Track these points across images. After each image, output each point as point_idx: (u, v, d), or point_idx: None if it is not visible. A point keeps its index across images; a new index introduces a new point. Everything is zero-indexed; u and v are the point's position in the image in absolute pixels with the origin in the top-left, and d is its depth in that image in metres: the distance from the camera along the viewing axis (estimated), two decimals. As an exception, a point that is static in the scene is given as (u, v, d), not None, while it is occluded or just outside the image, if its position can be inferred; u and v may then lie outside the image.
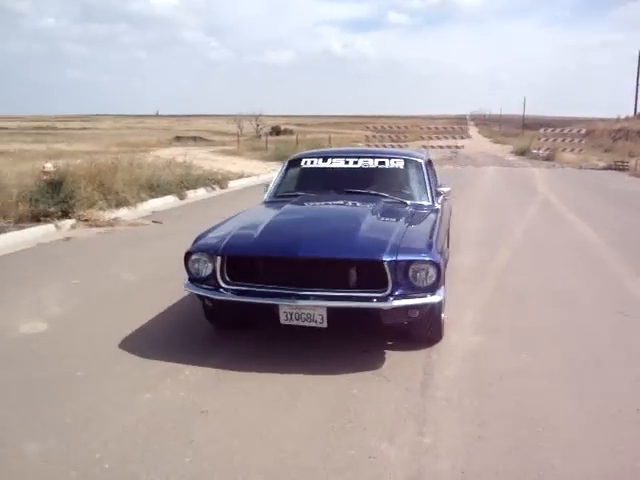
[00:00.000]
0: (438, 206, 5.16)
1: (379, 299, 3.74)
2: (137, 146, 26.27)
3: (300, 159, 5.70)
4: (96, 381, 3.74)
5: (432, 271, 3.77)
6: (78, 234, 8.64)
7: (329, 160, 5.51)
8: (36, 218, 8.93)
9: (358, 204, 4.83)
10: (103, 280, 6.07)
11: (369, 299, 3.75)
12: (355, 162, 5.43)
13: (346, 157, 5.50)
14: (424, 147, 24.89)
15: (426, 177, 5.29)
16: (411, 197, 5.16)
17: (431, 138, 26.12)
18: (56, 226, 8.91)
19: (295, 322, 3.86)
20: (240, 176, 16.36)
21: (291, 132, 43.26)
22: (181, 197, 12.89)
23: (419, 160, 5.44)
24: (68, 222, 9.17)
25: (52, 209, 9.08)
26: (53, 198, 9.24)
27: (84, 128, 50.46)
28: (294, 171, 5.65)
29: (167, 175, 13.63)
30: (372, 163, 5.40)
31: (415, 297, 3.77)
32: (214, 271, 3.96)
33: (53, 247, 7.81)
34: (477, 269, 6.50)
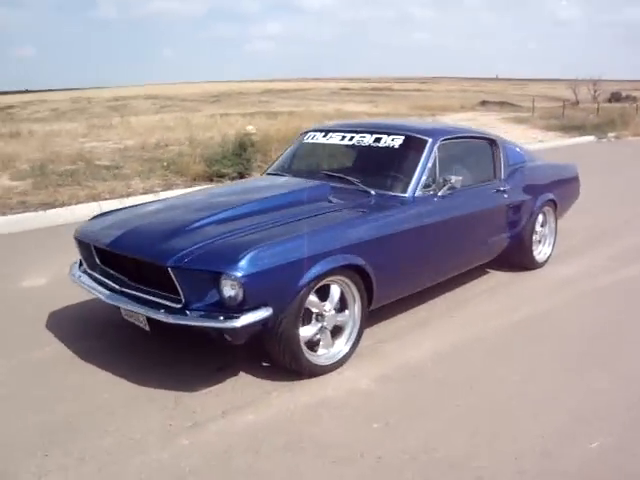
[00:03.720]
0: (423, 201, 3.92)
1: (168, 310, 3.05)
2: (434, 109, 26.00)
3: (307, 132, 4.91)
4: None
5: (235, 288, 2.91)
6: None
7: (328, 135, 4.61)
8: (209, 178, 9.61)
9: (282, 190, 3.96)
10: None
11: (160, 308, 3.09)
12: (351, 139, 4.44)
13: (345, 132, 4.53)
14: None
15: (421, 162, 4.01)
16: (383, 185, 4.00)
17: None
18: (226, 186, 9.46)
19: (131, 320, 3.43)
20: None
21: (634, 99, 37.43)
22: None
23: (425, 139, 4.13)
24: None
25: (226, 170, 9.64)
26: (231, 160, 9.78)
27: (418, 90, 51.75)
28: (299, 145, 4.90)
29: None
30: (367, 140, 4.33)
31: (208, 318, 2.97)
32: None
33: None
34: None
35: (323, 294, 3.34)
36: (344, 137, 4.45)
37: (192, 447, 2.72)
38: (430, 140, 4.11)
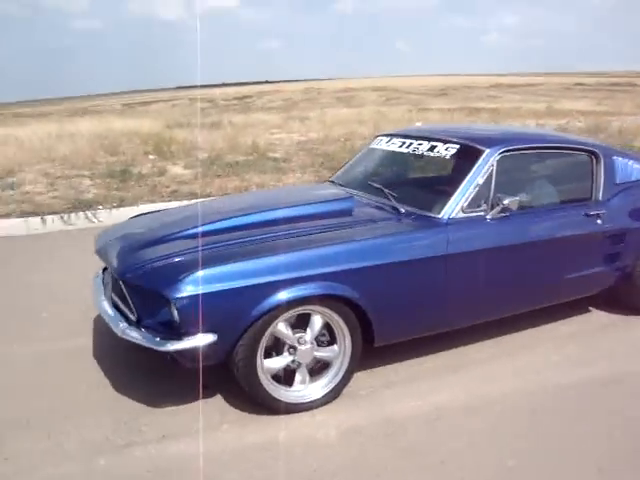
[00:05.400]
0: (463, 224, 3.28)
1: (127, 322, 2.94)
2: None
3: (377, 136, 4.43)
4: None
5: (172, 308, 2.70)
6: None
7: (391, 141, 4.11)
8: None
9: (295, 203, 3.55)
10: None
11: (122, 321, 2.98)
12: (408, 146, 3.90)
13: (407, 138, 3.98)
14: None
15: (468, 177, 3.33)
16: (417, 202, 3.45)
17: None
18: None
19: None
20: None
21: None
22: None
23: (480, 149, 3.43)
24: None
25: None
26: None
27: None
28: (365, 151, 4.46)
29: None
30: (422, 148, 3.76)
31: (146, 337, 2.81)
32: None
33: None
34: None
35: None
36: (403, 144, 3.94)
37: (101, 469, 2.61)
38: (487, 151, 3.42)
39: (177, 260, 2.87)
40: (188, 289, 2.66)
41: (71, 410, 3.06)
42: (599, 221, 3.71)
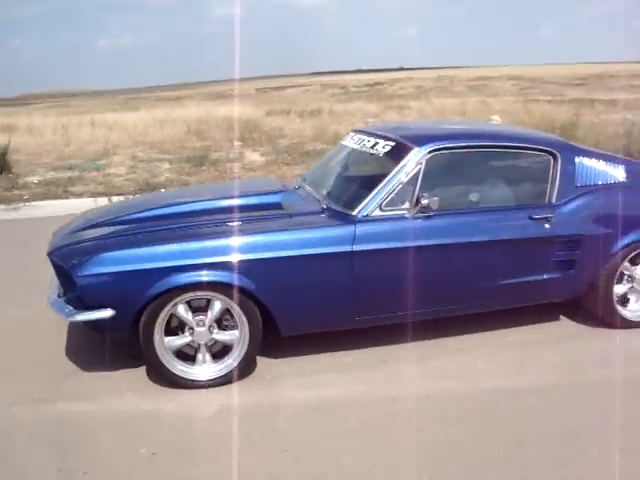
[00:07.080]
0: (378, 223, 3.33)
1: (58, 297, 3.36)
2: None
3: (350, 132, 4.50)
4: None
5: (78, 288, 3.07)
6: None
7: (351, 137, 4.20)
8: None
9: (229, 194, 3.86)
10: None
11: (55, 294, 3.41)
12: (359, 142, 3.99)
13: (365, 134, 4.03)
14: None
15: (390, 175, 3.36)
16: (339, 199, 3.59)
17: None
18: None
19: None
20: None
21: None
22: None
23: (410, 146, 3.42)
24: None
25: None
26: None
27: None
28: (335, 146, 4.58)
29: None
30: (365, 145, 3.85)
31: (61, 309, 3.21)
32: None
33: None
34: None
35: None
36: (359, 140, 4.02)
37: (9, 415, 3.04)
38: (415, 149, 3.43)
39: (89, 244, 3.25)
40: (88, 269, 3.03)
41: (20, 368, 3.52)
42: (547, 225, 3.54)
